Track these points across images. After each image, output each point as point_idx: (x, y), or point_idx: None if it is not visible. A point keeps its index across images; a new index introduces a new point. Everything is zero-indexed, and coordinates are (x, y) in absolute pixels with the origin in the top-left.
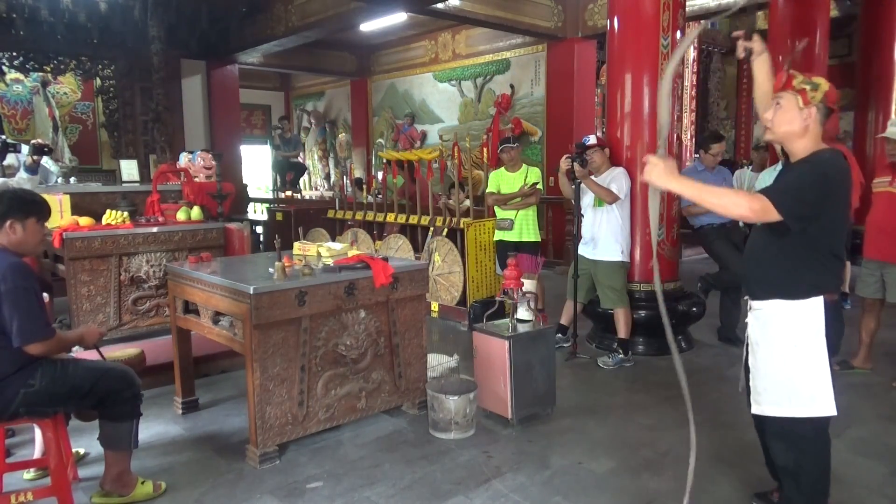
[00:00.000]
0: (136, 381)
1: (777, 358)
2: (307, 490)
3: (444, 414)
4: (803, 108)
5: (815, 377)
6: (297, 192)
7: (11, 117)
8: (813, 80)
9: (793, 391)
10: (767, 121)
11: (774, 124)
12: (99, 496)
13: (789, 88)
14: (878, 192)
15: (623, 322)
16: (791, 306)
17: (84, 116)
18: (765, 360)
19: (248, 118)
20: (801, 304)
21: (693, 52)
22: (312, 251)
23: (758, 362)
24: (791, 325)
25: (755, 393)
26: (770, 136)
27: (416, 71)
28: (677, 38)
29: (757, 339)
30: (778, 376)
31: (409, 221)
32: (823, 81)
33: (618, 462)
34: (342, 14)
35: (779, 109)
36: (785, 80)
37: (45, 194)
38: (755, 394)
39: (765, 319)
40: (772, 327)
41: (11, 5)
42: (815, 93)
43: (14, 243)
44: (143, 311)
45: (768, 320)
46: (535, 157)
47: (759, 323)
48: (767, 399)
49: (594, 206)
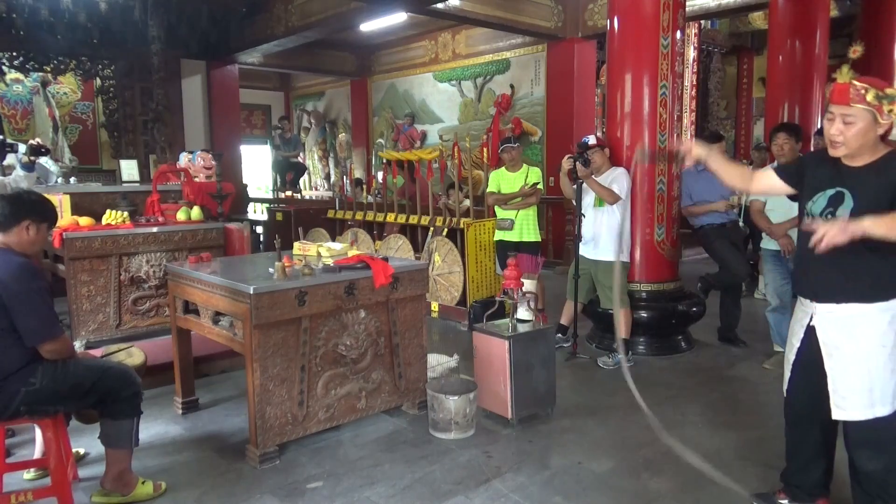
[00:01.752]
0: (136, 380)
1: (863, 360)
2: (307, 490)
3: (444, 414)
4: (883, 122)
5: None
6: (297, 193)
7: (11, 117)
8: (888, 93)
9: (879, 391)
10: (835, 136)
11: (847, 140)
12: (99, 495)
13: (861, 103)
14: None
15: (623, 322)
16: (881, 308)
17: (84, 116)
18: (848, 364)
19: (248, 118)
20: (888, 306)
21: (693, 51)
22: (312, 251)
23: (838, 366)
24: (880, 327)
25: (837, 398)
26: (842, 151)
27: (416, 71)
28: (677, 38)
29: (836, 343)
30: (864, 379)
31: (409, 221)
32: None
33: (618, 462)
34: (342, 14)
35: (850, 127)
36: (854, 94)
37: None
38: (837, 398)
39: (847, 323)
40: (858, 330)
41: (11, 5)
42: (893, 105)
43: (23, 243)
44: (143, 311)
45: (853, 323)
46: (535, 157)
47: (837, 326)
48: (853, 403)
49: (595, 206)
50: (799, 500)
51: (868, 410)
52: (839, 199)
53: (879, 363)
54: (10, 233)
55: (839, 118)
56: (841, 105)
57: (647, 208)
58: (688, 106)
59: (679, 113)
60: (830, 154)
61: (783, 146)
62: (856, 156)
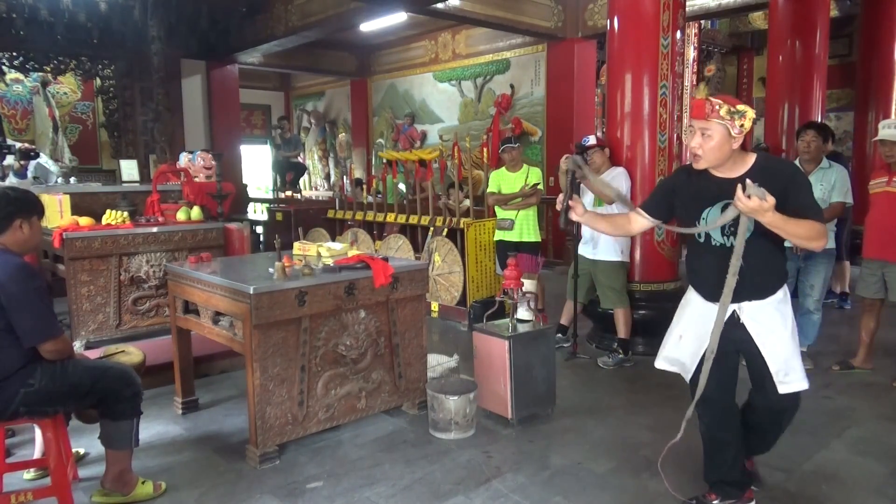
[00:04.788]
0: (136, 380)
1: (787, 340)
2: (307, 490)
3: (444, 414)
4: (735, 137)
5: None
6: (297, 193)
7: (11, 117)
8: (738, 109)
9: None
10: (695, 149)
11: (705, 153)
12: (99, 495)
13: (715, 118)
14: (876, 193)
15: (623, 322)
16: (781, 295)
17: (84, 116)
18: (780, 345)
19: (248, 118)
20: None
21: (693, 51)
22: (312, 251)
23: (775, 349)
24: (786, 312)
25: (782, 374)
26: (703, 164)
27: (416, 71)
28: (677, 38)
29: (769, 329)
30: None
31: (409, 221)
32: (748, 108)
33: (618, 462)
34: (342, 14)
35: (707, 140)
36: (710, 109)
37: (45, 194)
38: (782, 375)
39: (768, 312)
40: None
41: (11, 5)
42: (744, 120)
43: (20, 242)
44: (143, 311)
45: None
46: (535, 157)
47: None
48: (794, 377)
49: (595, 206)
50: (729, 496)
51: (804, 382)
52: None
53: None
54: (4, 234)
55: (698, 132)
56: (699, 119)
57: None
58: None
59: (679, 113)
60: (695, 167)
61: (810, 143)
62: (723, 168)
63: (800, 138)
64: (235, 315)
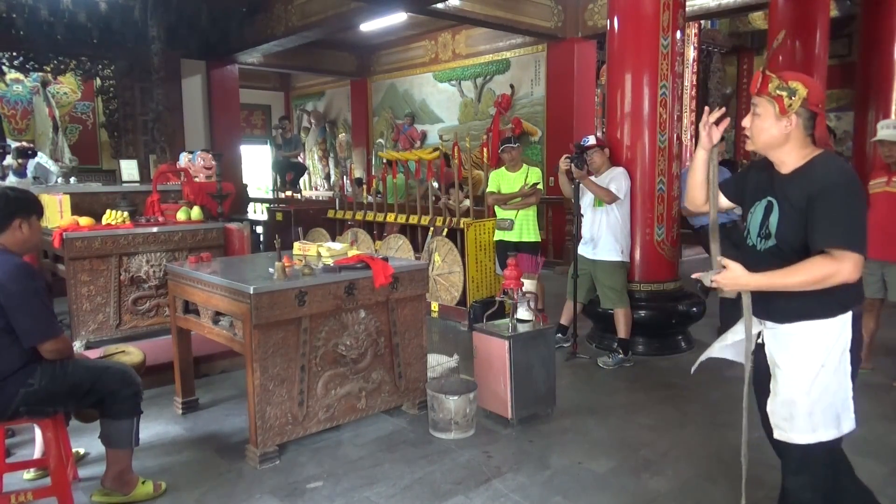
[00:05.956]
0: (135, 380)
1: (804, 380)
2: (307, 490)
3: (444, 414)
4: (781, 118)
5: (841, 396)
6: (297, 193)
7: (11, 117)
8: (790, 85)
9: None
10: (747, 126)
11: (753, 134)
12: (99, 495)
13: (765, 93)
14: (876, 193)
15: (623, 322)
16: (821, 326)
17: (84, 116)
18: (788, 384)
19: (248, 118)
20: (831, 323)
21: (693, 51)
22: (312, 251)
23: (779, 386)
24: (820, 346)
25: (777, 418)
26: (751, 147)
27: (416, 71)
28: (677, 38)
29: (777, 362)
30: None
31: (409, 221)
32: (801, 85)
33: (618, 462)
34: (342, 14)
35: (756, 118)
36: (761, 82)
37: (45, 194)
38: (777, 419)
39: (786, 341)
40: (795, 348)
41: (11, 5)
42: (793, 99)
43: (19, 242)
44: (143, 311)
45: (791, 341)
46: (535, 157)
47: (778, 344)
48: (796, 426)
49: (594, 206)
50: None
51: (810, 434)
52: (770, 209)
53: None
54: (3, 234)
55: (752, 109)
56: (753, 95)
57: (647, 208)
58: (688, 106)
59: (679, 113)
60: (747, 149)
61: None
62: (780, 158)
63: None
64: (235, 315)
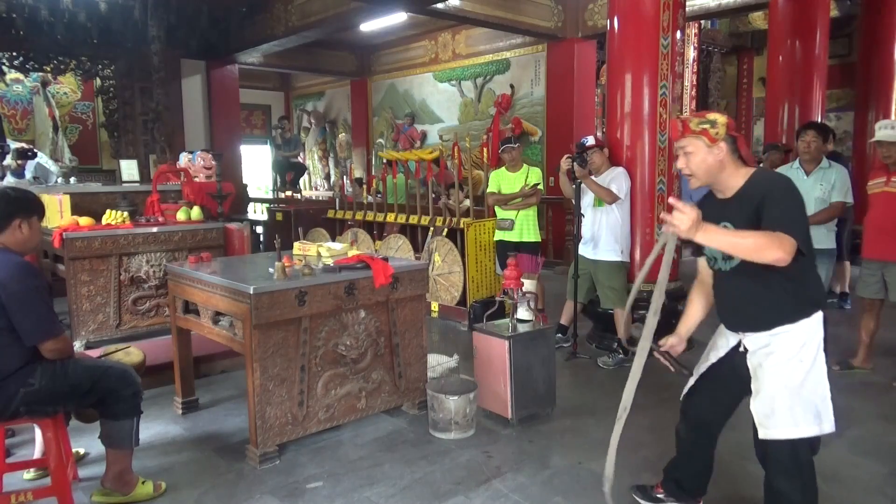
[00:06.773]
0: (136, 380)
1: (783, 377)
2: (307, 490)
3: (444, 414)
4: (712, 147)
5: (819, 392)
6: (297, 193)
7: (11, 117)
8: (709, 118)
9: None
10: (684, 169)
11: (693, 170)
12: (99, 495)
13: (689, 133)
14: (875, 193)
15: (623, 322)
16: (797, 327)
17: (84, 116)
18: (769, 381)
19: (248, 118)
20: (806, 323)
21: (693, 51)
22: (312, 251)
23: (760, 384)
24: (796, 344)
25: (760, 416)
26: (697, 183)
27: (416, 71)
28: (677, 38)
29: (760, 363)
30: (784, 395)
31: (409, 221)
32: (718, 115)
33: (618, 462)
34: (342, 14)
35: (690, 156)
36: (682, 126)
37: (45, 194)
38: (760, 417)
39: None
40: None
41: (11, 5)
42: (717, 127)
43: (19, 242)
44: (143, 311)
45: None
46: (535, 157)
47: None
48: (778, 421)
49: (594, 206)
50: (675, 497)
51: (793, 429)
52: None
53: (797, 379)
54: (3, 234)
55: (681, 152)
56: (677, 140)
57: (647, 208)
58: (688, 106)
59: (679, 113)
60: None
61: (810, 144)
62: (721, 186)
63: (800, 139)
64: (235, 315)
